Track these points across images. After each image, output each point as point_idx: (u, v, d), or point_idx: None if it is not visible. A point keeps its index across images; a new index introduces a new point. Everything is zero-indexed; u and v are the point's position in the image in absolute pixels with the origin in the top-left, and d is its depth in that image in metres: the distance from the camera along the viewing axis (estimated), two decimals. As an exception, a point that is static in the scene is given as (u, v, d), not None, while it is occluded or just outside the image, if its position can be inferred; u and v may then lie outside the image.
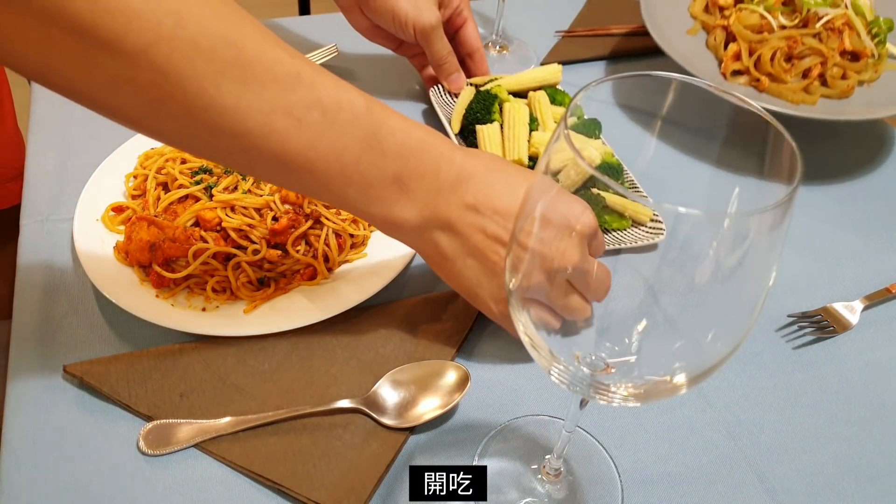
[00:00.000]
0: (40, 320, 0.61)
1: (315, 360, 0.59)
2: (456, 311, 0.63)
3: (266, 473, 0.52)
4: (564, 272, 0.38)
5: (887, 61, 0.84)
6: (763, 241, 0.33)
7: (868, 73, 0.82)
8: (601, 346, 0.41)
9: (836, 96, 0.79)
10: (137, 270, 0.64)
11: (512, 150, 0.76)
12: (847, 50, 0.81)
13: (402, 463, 0.54)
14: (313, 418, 0.55)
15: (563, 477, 0.54)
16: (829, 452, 0.58)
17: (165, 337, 0.60)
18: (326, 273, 0.65)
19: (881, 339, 0.68)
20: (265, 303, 0.63)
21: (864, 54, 0.81)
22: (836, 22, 0.81)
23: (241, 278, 0.64)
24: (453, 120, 0.83)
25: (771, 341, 0.66)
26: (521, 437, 0.57)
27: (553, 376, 0.40)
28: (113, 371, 0.56)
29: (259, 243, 0.65)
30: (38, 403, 0.55)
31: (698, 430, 0.58)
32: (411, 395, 0.57)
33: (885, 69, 0.83)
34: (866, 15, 0.84)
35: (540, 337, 0.39)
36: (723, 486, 0.55)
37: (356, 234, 0.68)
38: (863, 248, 0.77)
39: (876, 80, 0.82)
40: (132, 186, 0.71)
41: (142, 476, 0.52)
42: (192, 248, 0.63)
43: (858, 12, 0.83)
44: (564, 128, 0.33)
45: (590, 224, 0.38)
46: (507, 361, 0.62)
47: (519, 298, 0.39)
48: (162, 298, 0.62)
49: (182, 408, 0.55)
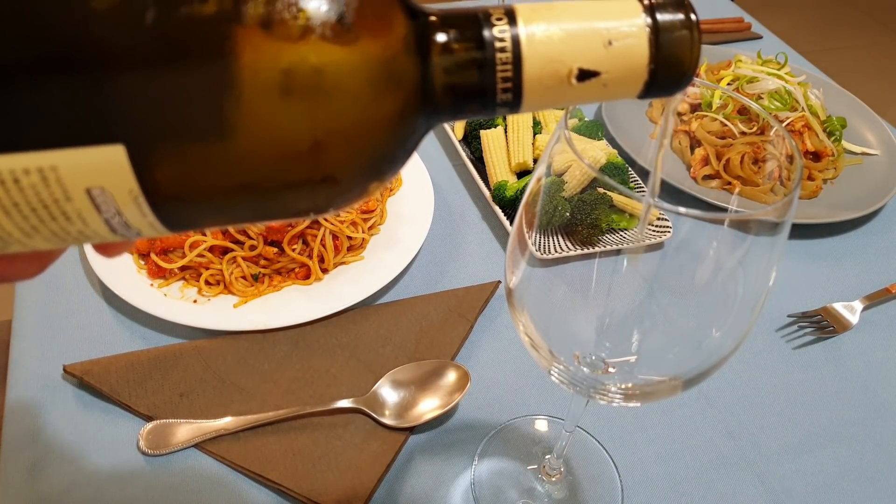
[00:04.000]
0: (40, 320, 0.61)
1: (315, 360, 0.59)
2: (457, 310, 0.63)
3: (266, 473, 0.52)
4: None
5: (844, 157, 0.87)
6: (763, 241, 0.33)
7: (830, 172, 0.86)
8: (601, 346, 0.41)
9: (805, 197, 0.83)
10: (136, 258, 0.65)
11: (516, 153, 0.76)
12: (809, 151, 0.85)
13: (402, 463, 0.54)
14: (313, 418, 0.55)
15: (563, 477, 0.54)
16: (829, 452, 0.58)
17: (165, 336, 0.60)
18: (320, 274, 0.66)
19: (881, 339, 0.68)
20: (256, 298, 0.63)
21: (826, 153, 0.85)
22: (795, 124, 0.85)
23: (235, 272, 0.64)
24: (456, 126, 0.83)
25: (771, 341, 0.66)
26: (521, 437, 0.57)
27: (553, 376, 0.40)
28: (113, 371, 0.56)
29: (256, 239, 0.65)
30: (38, 403, 0.55)
31: (698, 430, 0.59)
32: (411, 395, 0.57)
33: (844, 166, 0.87)
34: (820, 115, 0.87)
35: (540, 337, 0.39)
36: (723, 486, 0.55)
37: (354, 236, 0.68)
38: (863, 248, 0.77)
39: (837, 177, 0.86)
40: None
41: (142, 476, 0.52)
42: (188, 240, 0.64)
43: (813, 113, 0.87)
44: (564, 128, 0.33)
45: None
46: (507, 361, 0.62)
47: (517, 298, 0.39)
48: (157, 288, 0.62)
49: (182, 408, 0.55)
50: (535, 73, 0.24)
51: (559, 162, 0.34)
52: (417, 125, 0.25)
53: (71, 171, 0.22)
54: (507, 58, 0.24)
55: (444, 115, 0.26)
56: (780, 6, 3.17)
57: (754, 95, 0.88)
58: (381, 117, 0.24)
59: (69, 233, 0.24)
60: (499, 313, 0.66)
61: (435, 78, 0.24)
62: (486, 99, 0.25)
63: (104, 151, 0.22)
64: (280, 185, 0.24)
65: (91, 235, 0.24)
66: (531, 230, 0.37)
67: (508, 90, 0.25)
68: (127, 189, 0.22)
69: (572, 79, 0.25)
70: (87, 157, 0.21)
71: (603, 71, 0.25)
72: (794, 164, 0.33)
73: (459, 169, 0.82)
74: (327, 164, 0.24)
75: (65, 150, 0.21)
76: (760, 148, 0.79)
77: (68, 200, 0.22)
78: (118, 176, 0.22)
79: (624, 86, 0.25)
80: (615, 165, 0.66)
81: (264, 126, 0.22)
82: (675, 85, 0.26)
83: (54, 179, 0.22)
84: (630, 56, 0.24)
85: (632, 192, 0.31)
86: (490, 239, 0.74)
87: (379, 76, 0.23)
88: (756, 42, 1.14)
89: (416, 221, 0.71)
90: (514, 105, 0.25)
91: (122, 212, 0.23)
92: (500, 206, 0.73)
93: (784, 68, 0.92)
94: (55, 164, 0.21)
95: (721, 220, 0.32)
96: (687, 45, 0.25)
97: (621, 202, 0.40)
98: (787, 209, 0.32)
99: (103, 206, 0.23)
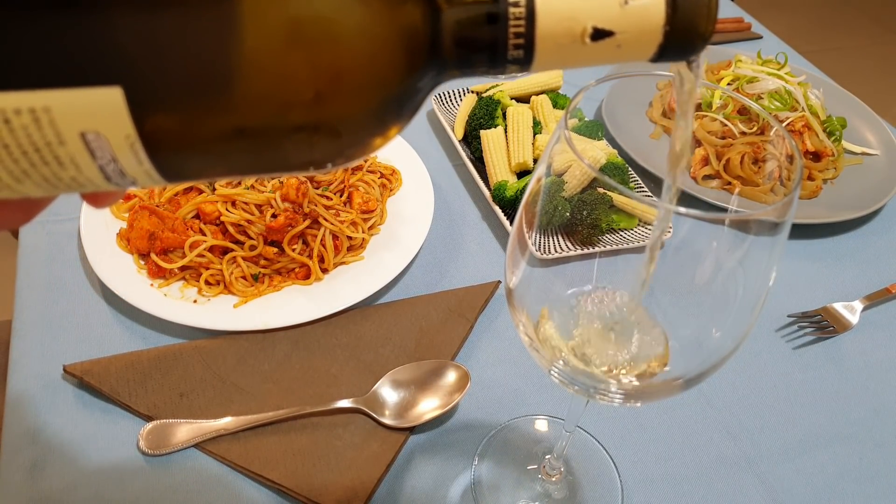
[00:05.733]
0: (40, 320, 0.61)
1: (315, 360, 0.59)
2: (457, 310, 0.63)
3: (266, 473, 0.52)
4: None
5: (844, 157, 0.88)
6: (763, 241, 0.33)
7: (830, 172, 0.86)
8: (601, 345, 0.41)
9: (805, 197, 0.83)
10: (137, 258, 0.65)
11: (517, 153, 0.76)
12: (809, 151, 0.85)
13: (402, 463, 0.54)
14: (313, 418, 0.55)
15: (563, 477, 0.54)
16: (829, 452, 0.58)
17: (165, 336, 0.60)
18: (320, 274, 0.66)
19: (881, 339, 0.68)
20: (256, 298, 0.63)
21: (826, 153, 0.85)
22: (795, 124, 0.85)
23: (235, 272, 0.64)
24: (456, 126, 0.83)
25: (771, 341, 0.66)
26: (521, 437, 0.57)
27: (553, 376, 0.40)
28: (113, 371, 0.56)
29: (256, 239, 0.65)
30: (38, 403, 0.55)
31: (698, 430, 0.59)
32: (411, 395, 0.57)
33: (843, 166, 0.87)
34: (819, 115, 0.87)
35: (540, 337, 0.39)
36: (723, 486, 0.55)
37: (354, 236, 0.68)
38: (863, 248, 0.77)
39: (837, 177, 0.86)
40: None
41: (142, 476, 0.52)
42: (188, 240, 0.64)
43: (813, 113, 0.87)
44: (564, 128, 0.33)
45: None
46: (507, 361, 0.62)
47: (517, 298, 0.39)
48: (157, 288, 0.62)
49: (182, 408, 0.55)
50: (549, 30, 0.24)
51: (559, 162, 0.34)
52: (424, 79, 0.25)
53: (65, 113, 0.20)
54: (521, 13, 0.23)
55: (451, 71, 0.25)
56: (780, 6, 3.18)
57: (754, 95, 0.88)
58: (388, 69, 0.23)
59: (61, 179, 0.22)
60: (499, 313, 0.66)
61: (444, 30, 0.24)
62: (496, 55, 0.24)
63: (100, 93, 0.20)
64: (281, 134, 0.23)
65: (84, 183, 0.23)
66: (531, 230, 0.37)
67: (520, 46, 0.24)
68: (123, 134, 0.21)
69: (586, 38, 0.24)
70: (83, 99, 0.20)
71: (618, 31, 0.24)
72: (794, 164, 0.33)
73: (459, 169, 0.82)
74: (330, 114, 0.23)
75: (59, 91, 0.20)
76: (760, 148, 0.79)
77: (61, 144, 0.21)
78: (114, 120, 0.21)
79: (638, 47, 0.25)
80: (615, 165, 0.66)
81: (268, 72, 0.21)
82: (690, 49, 0.25)
83: (47, 121, 0.20)
84: (646, 16, 0.24)
85: (632, 192, 0.31)
86: (490, 239, 0.74)
87: (387, 26, 0.23)
88: (756, 42, 1.14)
89: (416, 221, 0.71)
90: (525, 62, 0.25)
91: (117, 158, 0.22)
92: (500, 206, 0.73)
93: (784, 68, 0.92)
94: (48, 105, 0.20)
95: (721, 220, 0.32)
96: (704, 7, 0.24)
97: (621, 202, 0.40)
98: (787, 209, 0.32)
99: (98, 152, 0.22)
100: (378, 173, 0.76)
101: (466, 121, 0.82)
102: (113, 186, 0.24)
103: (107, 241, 0.65)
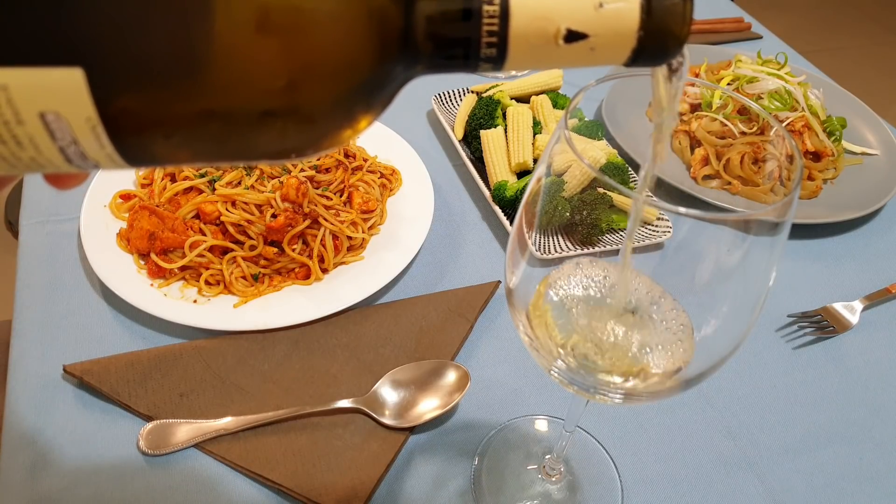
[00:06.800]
0: (40, 320, 0.61)
1: (315, 360, 0.59)
2: (457, 310, 0.63)
3: (266, 473, 0.52)
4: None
5: (844, 157, 0.88)
6: (763, 241, 0.33)
7: (830, 172, 0.86)
8: (601, 345, 0.41)
9: (805, 197, 0.83)
10: (136, 258, 0.65)
11: (517, 153, 0.76)
12: (809, 151, 0.85)
13: (402, 463, 0.54)
14: (313, 418, 0.55)
15: (563, 477, 0.54)
16: (829, 452, 0.58)
17: (165, 336, 0.60)
18: (320, 274, 0.66)
19: (881, 339, 0.68)
20: (256, 298, 0.63)
21: (826, 153, 0.85)
22: (795, 124, 0.85)
23: (235, 272, 0.64)
24: (456, 126, 0.83)
25: (771, 341, 0.66)
26: (521, 438, 0.57)
27: (553, 376, 0.40)
28: (113, 371, 0.56)
29: (256, 239, 0.65)
30: (38, 403, 0.55)
31: (698, 430, 0.58)
32: (411, 395, 0.57)
33: (843, 166, 0.87)
34: (819, 115, 0.87)
35: (540, 337, 0.39)
36: (723, 486, 0.55)
37: (354, 236, 0.68)
38: (863, 248, 0.77)
39: (837, 177, 0.86)
40: (142, 175, 0.72)
41: (142, 476, 0.52)
42: (188, 240, 0.64)
43: (813, 113, 0.87)
44: (564, 128, 0.33)
45: None
46: (507, 361, 0.62)
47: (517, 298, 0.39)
48: (157, 288, 0.62)
49: (182, 408, 0.55)
50: (522, 30, 0.24)
51: (559, 162, 0.34)
52: (395, 73, 0.24)
53: (23, 92, 0.20)
54: (495, 10, 0.23)
55: (423, 66, 0.25)
56: (780, 6, 3.18)
57: (754, 95, 0.88)
58: (359, 57, 0.23)
59: (20, 159, 0.22)
60: (499, 313, 0.66)
61: (417, 25, 0.24)
62: (469, 52, 0.24)
63: (60, 74, 0.20)
64: (247, 121, 0.23)
65: (44, 164, 0.23)
66: (531, 230, 0.37)
67: (493, 45, 0.24)
68: (84, 116, 0.21)
69: (559, 39, 0.24)
70: (41, 79, 0.20)
71: (591, 33, 0.24)
72: (794, 164, 0.33)
73: (459, 169, 0.82)
74: (298, 101, 0.23)
75: (16, 69, 0.20)
76: (760, 148, 0.79)
77: (19, 124, 0.21)
78: (75, 102, 0.20)
79: (612, 51, 0.25)
80: (615, 165, 0.66)
81: (235, 57, 0.21)
82: (663, 55, 0.25)
83: (4, 100, 0.20)
84: (620, 20, 0.24)
85: (632, 192, 0.31)
86: (490, 239, 0.74)
87: (360, 12, 0.22)
88: (756, 42, 1.14)
89: (416, 221, 0.71)
90: (497, 61, 0.24)
91: (78, 141, 0.22)
92: (500, 206, 0.73)
93: (784, 68, 0.92)
94: (5, 83, 0.20)
95: (721, 220, 0.32)
96: (679, 15, 0.24)
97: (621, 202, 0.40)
98: (787, 209, 0.32)
99: (58, 133, 0.21)
100: (378, 173, 0.76)
101: (466, 121, 0.82)
102: (75, 168, 0.23)
103: (107, 241, 0.65)
